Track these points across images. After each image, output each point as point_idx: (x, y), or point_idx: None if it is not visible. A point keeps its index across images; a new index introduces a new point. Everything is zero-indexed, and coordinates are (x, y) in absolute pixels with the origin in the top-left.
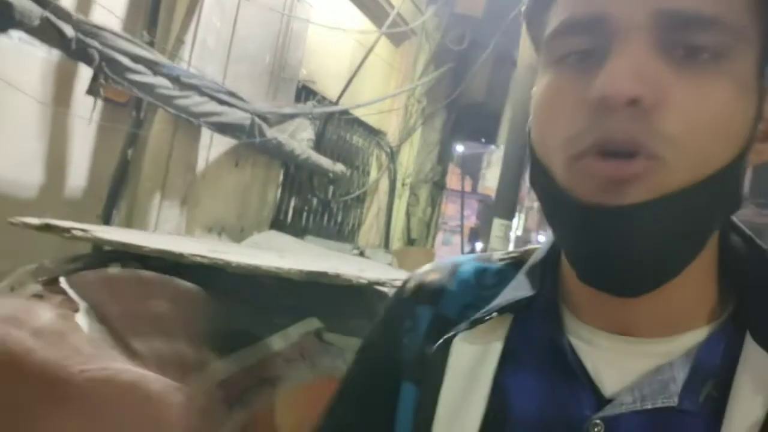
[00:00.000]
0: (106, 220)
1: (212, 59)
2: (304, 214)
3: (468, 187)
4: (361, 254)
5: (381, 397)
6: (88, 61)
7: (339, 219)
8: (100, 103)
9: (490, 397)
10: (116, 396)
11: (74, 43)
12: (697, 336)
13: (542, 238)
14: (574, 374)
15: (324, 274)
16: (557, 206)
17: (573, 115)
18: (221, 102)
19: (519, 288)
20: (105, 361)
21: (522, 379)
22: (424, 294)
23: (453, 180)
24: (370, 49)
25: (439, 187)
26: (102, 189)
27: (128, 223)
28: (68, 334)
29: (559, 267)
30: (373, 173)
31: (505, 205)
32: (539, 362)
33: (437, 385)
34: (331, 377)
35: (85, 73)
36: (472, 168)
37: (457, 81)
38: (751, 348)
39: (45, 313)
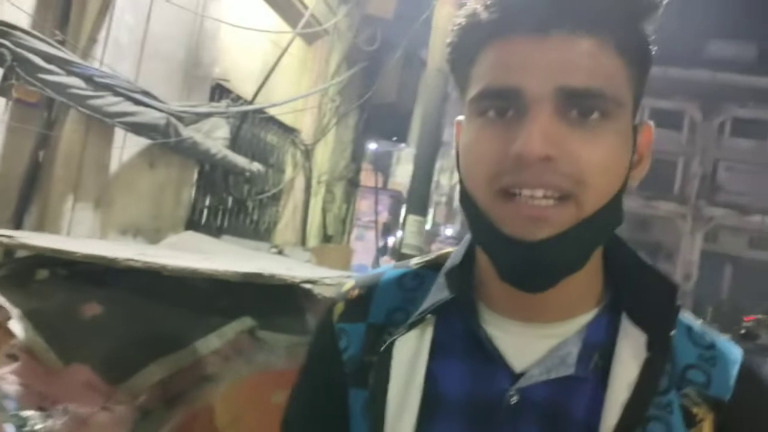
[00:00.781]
0: (17, 224)
1: (125, 57)
2: (220, 214)
3: (379, 184)
4: (280, 252)
5: (332, 410)
6: None
7: (255, 217)
8: (9, 103)
9: (425, 386)
10: None
11: None
12: (585, 318)
13: (449, 231)
14: (492, 357)
15: (260, 275)
16: (484, 232)
17: (493, 160)
18: (136, 102)
19: (441, 290)
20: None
21: (449, 367)
22: (351, 314)
23: (365, 177)
24: (285, 50)
25: (353, 184)
26: (11, 192)
27: (40, 227)
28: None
29: (474, 269)
30: (289, 171)
31: (418, 201)
32: (462, 351)
33: (384, 384)
34: (265, 372)
35: None
36: (382, 165)
37: (369, 81)
38: (626, 324)
39: None
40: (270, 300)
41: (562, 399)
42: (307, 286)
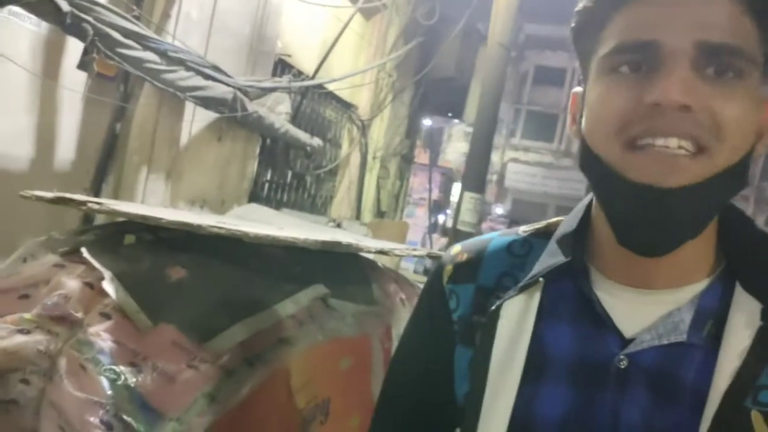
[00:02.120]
0: (95, 193)
1: (195, 32)
2: (280, 187)
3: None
4: (338, 226)
5: (438, 365)
6: (82, 36)
7: (313, 192)
8: (89, 76)
9: (531, 346)
10: None
11: (69, 18)
12: (699, 287)
13: (500, 210)
14: (602, 321)
15: (338, 243)
16: (611, 185)
17: (625, 110)
18: (206, 76)
19: (554, 255)
20: None
21: (557, 329)
22: (460, 275)
23: (417, 154)
24: (346, 24)
25: (407, 160)
26: (89, 162)
27: (116, 196)
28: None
29: (589, 235)
30: (345, 146)
31: (474, 178)
32: (571, 314)
33: (489, 343)
34: (335, 339)
35: (72, 47)
36: (433, 142)
37: (426, 56)
38: (740, 294)
39: (70, 281)
40: (338, 269)
41: (672, 365)
42: (372, 257)
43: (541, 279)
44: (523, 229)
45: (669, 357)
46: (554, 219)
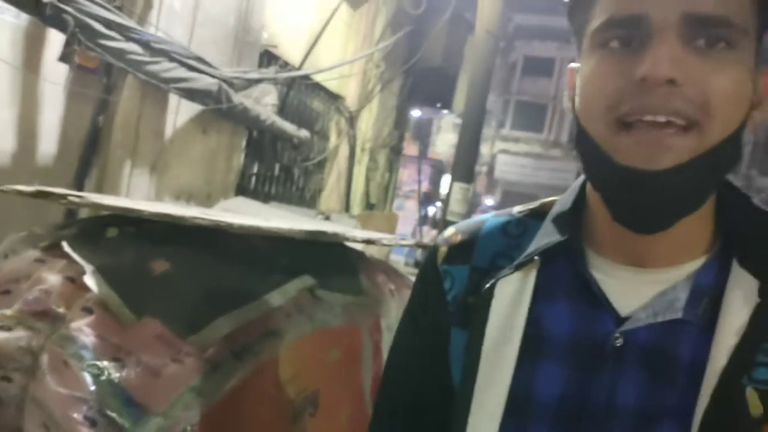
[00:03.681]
0: (78, 187)
1: (178, 23)
2: (267, 180)
3: (419, 153)
4: (327, 219)
5: (435, 348)
6: (62, 27)
7: (301, 184)
8: (71, 68)
9: (526, 325)
10: None
11: (49, 9)
12: (694, 264)
13: (490, 201)
14: (597, 300)
15: (323, 233)
16: (599, 167)
17: (616, 86)
18: (189, 68)
19: (549, 234)
20: None
21: (553, 308)
22: (455, 256)
23: (407, 146)
24: (332, 13)
25: (396, 152)
26: (72, 156)
27: (100, 190)
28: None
29: (583, 214)
30: (333, 138)
31: (463, 168)
32: (567, 293)
33: (483, 323)
34: (323, 330)
35: (53, 39)
36: (423, 133)
37: (414, 45)
38: (736, 271)
39: (51, 276)
40: (326, 260)
41: (667, 343)
42: (361, 247)
43: (536, 258)
44: (517, 210)
45: (664, 335)
46: (549, 199)
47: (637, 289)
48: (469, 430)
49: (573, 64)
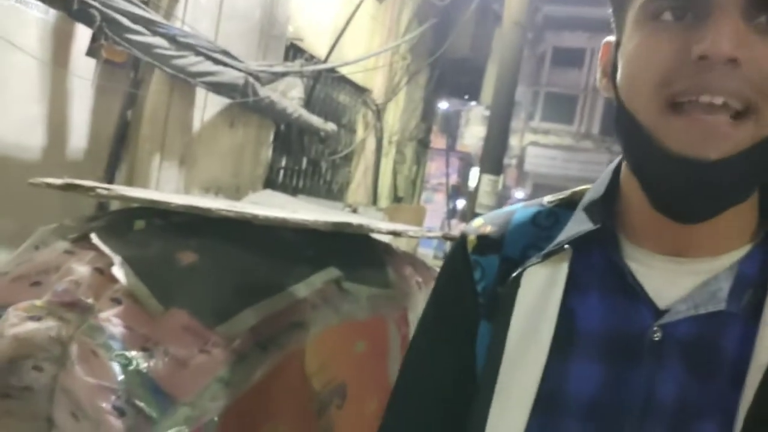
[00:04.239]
0: (109, 181)
1: (204, 17)
2: (295, 174)
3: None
4: (354, 212)
5: (461, 340)
6: (89, 22)
7: (328, 178)
8: (99, 64)
9: (558, 320)
10: None
11: (76, 4)
12: (737, 254)
13: (520, 194)
14: (634, 292)
15: (349, 224)
16: (643, 151)
17: (669, 63)
18: (216, 61)
19: (581, 223)
20: None
21: (586, 301)
22: (485, 246)
23: (434, 139)
24: (358, 5)
25: (423, 144)
26: (101, 150)
27: (129, 184)
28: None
29: (618, 201)
30: (360, 131)
31: (492, 160)
32: (601, 285)
33: (508, 314)
34: (349, 322)
35: (81, 34)
36: (451, 126)
37: (440, 37)
38: None
39: (80, 267)
40: (352, 252)
41: (709, 336)
42: (388, 240)
43: (566, 247)
44: (547, 200)
45: (706, 328)
46: (579, 188)
47: (676, 279)
48: (490, 425)
49: (609, 38)
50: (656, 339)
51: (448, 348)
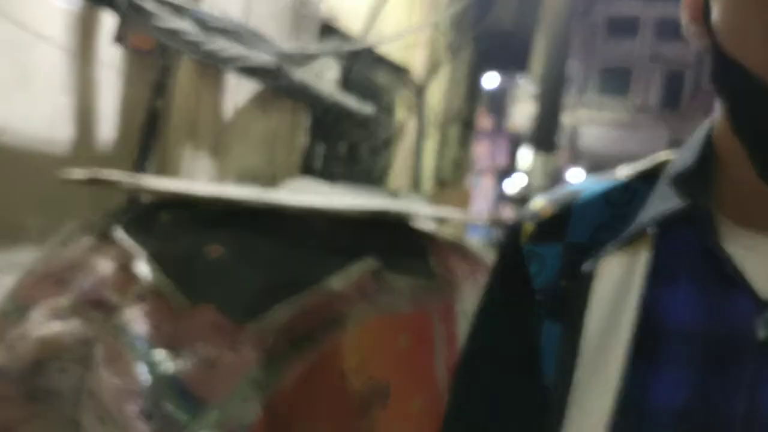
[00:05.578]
0: (140, 172)
1: None
2: (333, 160)
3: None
4: (395, 197)
5: (519, 347)
6: (114, 9)
7: (368, 163)
8: (125, 51)
9: (640, 314)
10: None
11: None
12: None
13: (575, 174)
14: (733, 282)
15: (386, 212)
16: (757, 107)
17: None
18: (247, 45)
19: (666, 199)
20: None
21: (675, 292)
22: (543, 233)
23: (480, 118)
24: None
25: (468, 126)
26: (132, 140)
27: (161, 175)
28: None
29: (713, 173)
30: (400, 114)
31: (544, 138)
32: (692, 274)
33: (581, 312)
34: (390, 316)
35: (107, 22)
36: (497, 106)
37: (482, 10)
38: None
39: (105, 263)
40: (391, 241)
41: None
42: (431, 227)
43: (648, 229)
44: (624, 173)
45: None
46: (662, 157)
47: None
48: None
49: None
50: (761, 337)
51: (503, 356)
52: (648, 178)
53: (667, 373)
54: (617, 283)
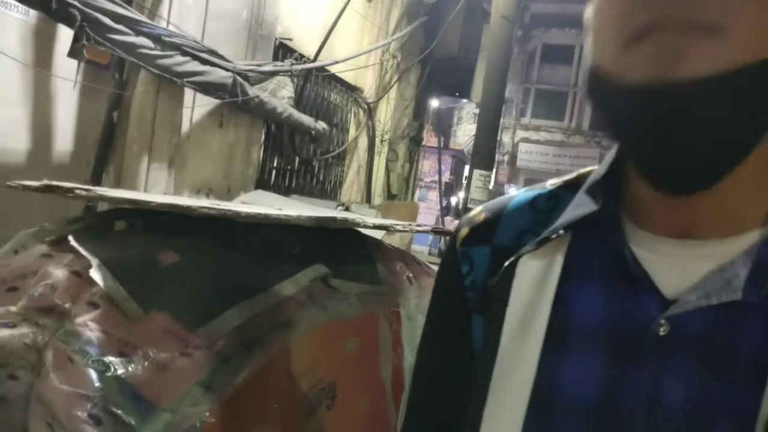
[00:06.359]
0: (96, 184)
1: (190, 17)
2: (287, 174)
3: (440, 144)
4: (347, 210)
5: (455, 340)
6: (69, 22)
7: (321, 177)
8: (82, 65)
9: (553, 311)
10: None
11: (55, 3)
12: (754, 236)
13: (513, 191)
14: (637, 281)
15: (333, 219)
16: (608, 100)
17: (627, 2)
18: (203, 61)
19: (581, 206)
20: None
21: (584, 291)
22: (475, 236)
23: (427, 137)
24: (347, 3)
25: (415, 142)
26: (88, 153)
27: (118, 186)
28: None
29: (622, 181)
30: (352, 130)
31: (483, 155)
32: (601, 273)
33: (502, 308)
34: (338, 320)
35: (64, 35)
36: (443, 125)
37: (430, 35)
38: None
39: (57, 270)
40: (341, 248)
41: (724, 330)
42: (378, 236)
43: (561, 231)
44: (551, 182)
45: (720, 320)
46: (586, 169)
47: (686, 265)
48: (484, 428)
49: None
50: (662, 333)
51: (444, 349)
52: (571, 188)
53: (577, 367)
54: (534, 282)
